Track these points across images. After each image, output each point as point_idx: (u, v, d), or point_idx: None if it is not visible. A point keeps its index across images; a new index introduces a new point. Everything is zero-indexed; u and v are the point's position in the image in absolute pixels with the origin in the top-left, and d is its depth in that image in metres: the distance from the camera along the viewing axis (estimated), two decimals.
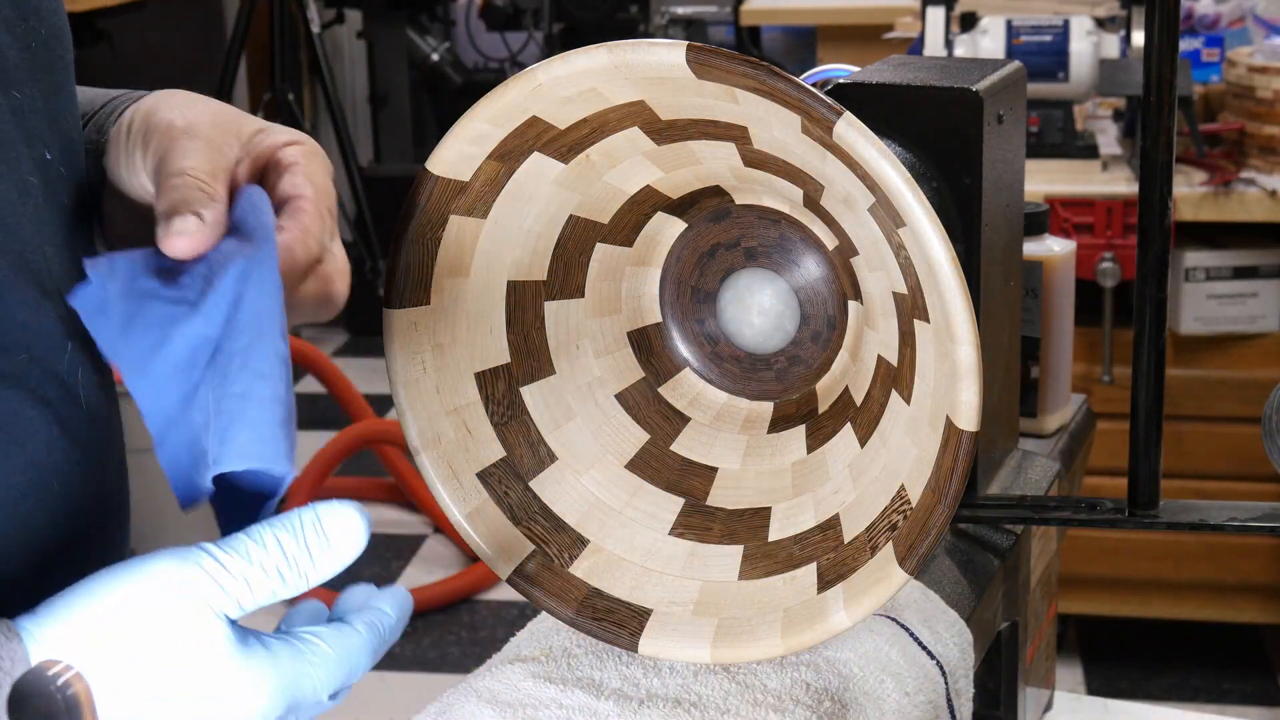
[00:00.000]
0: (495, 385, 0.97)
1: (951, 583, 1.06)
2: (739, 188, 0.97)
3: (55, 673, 0.66)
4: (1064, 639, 3.00)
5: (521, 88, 0.86)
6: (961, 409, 0.83)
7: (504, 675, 0.95)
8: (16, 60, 0.80)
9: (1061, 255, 1.28)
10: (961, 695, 1.03)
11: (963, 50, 2.66)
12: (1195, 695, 2.89)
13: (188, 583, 0.71)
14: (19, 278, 0.77)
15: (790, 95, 0.80)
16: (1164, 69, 1.01)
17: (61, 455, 0.79)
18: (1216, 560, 2.75)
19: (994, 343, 1.10)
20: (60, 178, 0.83)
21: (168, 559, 0.71)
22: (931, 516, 0.86)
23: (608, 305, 1.01)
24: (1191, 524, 1.06)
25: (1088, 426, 1.36)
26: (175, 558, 0.71)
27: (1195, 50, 2.90)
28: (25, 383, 0.77)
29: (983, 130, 1.04)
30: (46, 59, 0.83)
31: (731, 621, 0.94)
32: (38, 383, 0.78)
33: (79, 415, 0.81)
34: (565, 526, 0.98)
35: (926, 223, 0.80)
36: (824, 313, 0.98)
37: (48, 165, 0.82)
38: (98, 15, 4.20)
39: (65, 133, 0.84)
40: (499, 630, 3.24)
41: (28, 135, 0.80)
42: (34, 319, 0.78)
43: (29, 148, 0.80)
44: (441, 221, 0.92)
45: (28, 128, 0.80)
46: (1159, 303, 1.04)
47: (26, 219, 0.79)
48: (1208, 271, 2.65)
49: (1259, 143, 2.64)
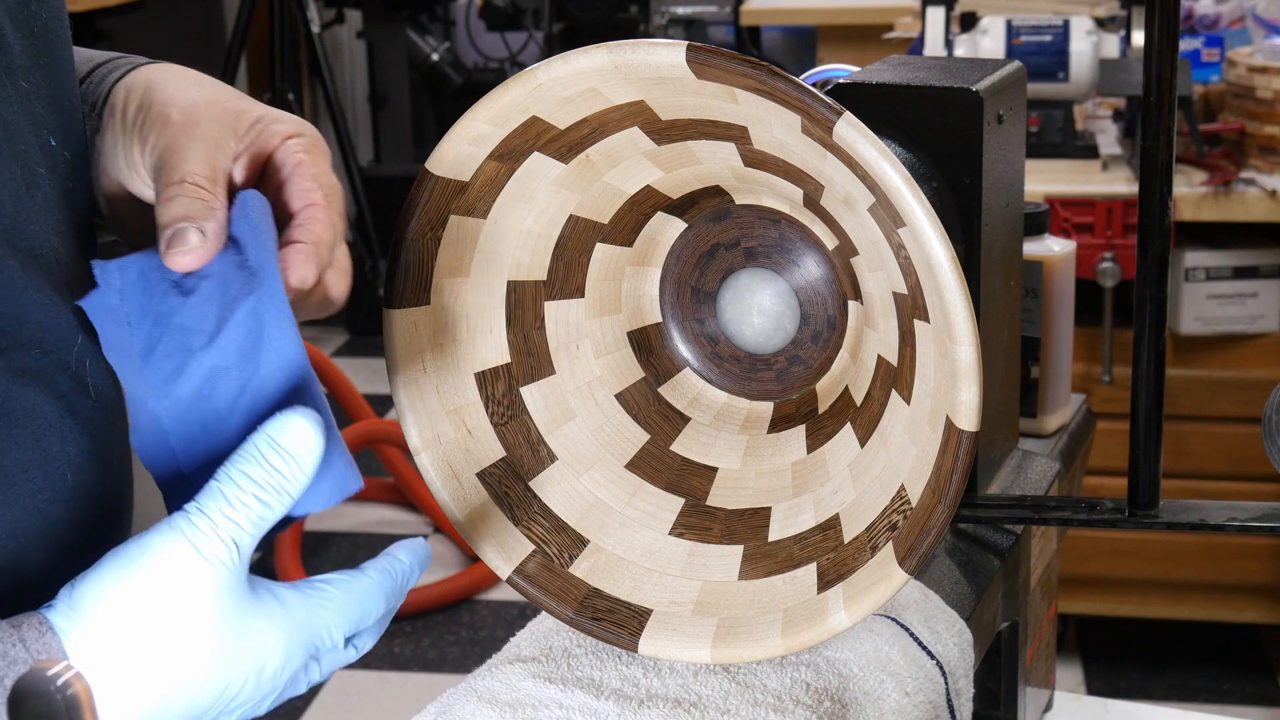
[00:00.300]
0: (495, 385, 0.97)
1: (951, 583, 1.06)
2: (739, 188, 0.97)
3: (55, 673, 0.66)
4: (1064, 639, 3.00)
5: (521, 88, 0.86)
6: (961, 409, 0.83)
7: (504, 675, 0.95)
8: (21, 48, 0.80)
9: (1061, 255, 1.28)
10: (961, 695, 1.03)
11: (963, 50, 2.66)
12: (1195, 695, 2.89)
13: (184, 550, 0.73)
14: (30, 273, 0.78)
15: (790, 95, 0.80)
16: (1164, 69, 1.01)
17: (74, 447, 0.80)
18: (1216, 560, 2.75)
19: (994, 343, 1.10)
20: (66, 163, 0.83)
21: (160, 536, 0.73)
22: (931, 516, 0.86)
23: (608, 305, 1.01)
24: (1191, 524, 1.06)
25: (1088, 426, 1.36)
26: (167, 531, 0.73)
27: (1195, 50, 2.90)
28: (40, 377, 0.78)
29: (983, 130, 1.04)
30: (49, 43, 0.83)
31: (731, 621, 0.94)
32: (51, 376, 0.79)
33: (88, 405, 0.81)
34: (565, 526, 0.98)
35: (926, 223, 0.80)
36: (824, 313, 0.98)
37: (54, 151, 0.82)
38: (98, 15, 4.19)
39: (68, 115, 0.84)
40: (499, 630, 3.24)
41: (34, 122, 0.81)
42: (45, 313, 0.78)
43: (36, 136, 0.81)
44: (441, 221, 0.92)
45: (34, 114, 0.81)
46: (1159, 303, 1.04)
47: (35, 210, 0.79)
48: (1208, 271, 2.65)
49: (1259, 143, 2.64)
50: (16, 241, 0.77)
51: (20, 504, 0.77)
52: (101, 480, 0.83)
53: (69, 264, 0.81)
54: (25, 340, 0.77)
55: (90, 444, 0.81)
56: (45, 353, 0.78)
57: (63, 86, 0.84)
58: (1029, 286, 1.26)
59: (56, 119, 0.83)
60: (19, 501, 0.77)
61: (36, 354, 0.78)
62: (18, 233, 0.77)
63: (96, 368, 0.82)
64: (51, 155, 0.82)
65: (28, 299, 0.77)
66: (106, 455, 0.83)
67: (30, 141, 0.80)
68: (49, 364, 0.78)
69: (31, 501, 0.78)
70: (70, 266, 0.81)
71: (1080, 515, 1.09)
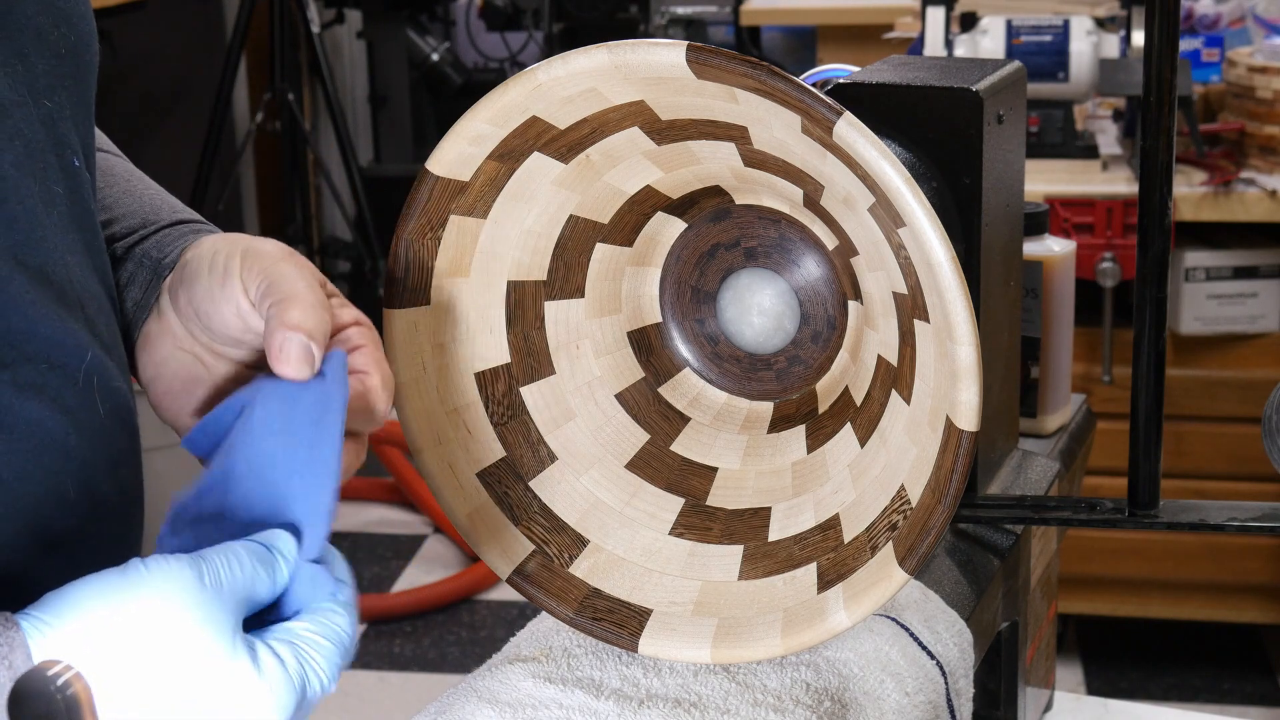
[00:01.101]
0: (495, 385, 0.97)
1: (951, 583, 1.06)
2: (739, 188, 0.97)
3: (55, 673, 0.66)
4: (1064, 639, 3.00)
5: (521, 88, 0.86)
6: (961, 409, 0.83)
7: (504, 675, 0.95)
8: (46, 68, 0.81)
9: (1061, 255, 1.28)
10: (961, 695, 1.03)
11: (963, 50, 2.66)
12: (1195, 695, 2.89)
13: (191, 592, 0.72)
14: (40, 289, 0.78)
15: (790, 95, 0.80)
16: (1164, 69, 1.01)
17: (77, 462, 0.80)
18: (1216, 560, 2.75)
19: (994, 343, 1.10)
20: (86, 183, 0.84)
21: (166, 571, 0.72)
22: (931, 516, 0.86)
23: (608, 305, 1.01)
24: (1191, 524, 1.06)
25: (1088, 426, 1.36)
26: (174, 568, 0.72)
27: (1195, 50, 2.90)
28: (45, 391, 0.78)
29: (983, 130, 1.04)
30: (74, 66, 0.84)
31: (731, 621, 0.94)
32: (57, 391, 0.79)
33: (95, 421, 0.81)
34: (565, 526, 0.98)
35: (926, 223, 0.80)
36: (824, 313, 0.98)
37: (75, 173, 0.83)
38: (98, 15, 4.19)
39: (87, 135, 0.85)
40: (499, 630, 3.24)
41: (57, 143, 0.81)
42: (54, 329, 0.78)
43: (58, 156, 0.81)
44: (441, 221, 0.92)
45: (57, 135, 0.81)
46: (1159, 303, 1.04)
47: (51, 229, 0.80)
48: (1208, 271, 2.65)
49: (1259, 143, 2.64)
50: (27, 259, 0.77)
51: (21, 517, 0.77)
52: (108, 496, 0.83)
53: (81, 283, 0.82)
54: (32, 355, 0.77)
55: (97, 459, 0.81)
56: (52, 368, 0.78)
57: (85, 109, 0.85)
58: (1029, 286, 1.26)
59: (79, 140, 0.83)
60: (19, 515, 0.77)
61: (43, 368, 0.78)
62: (30, 249, 0.78)
63: (105, 384, 0.82)
64: (73, 176, 0.82)
65: (36, 314, 0.77)
66: (115, 471, 0.83)
67: (51, 161, 0.80)
68: (55, 379, 0.78)
69: (33, 514, 0.77)
70: (83, 286, 0.82)
71: (1080, 515, 1.09)
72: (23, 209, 0.77)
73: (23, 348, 0.77)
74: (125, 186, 0.95)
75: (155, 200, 0.94)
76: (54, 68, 0.82)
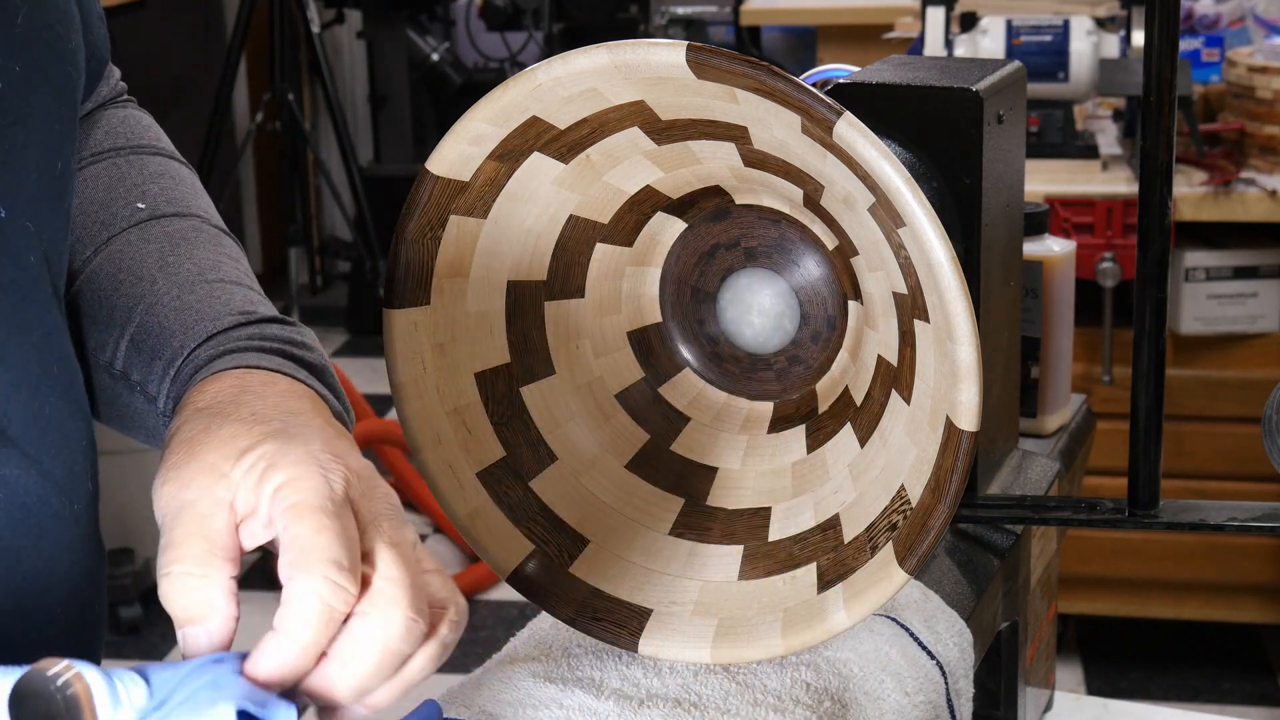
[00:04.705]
0: (495, 385, 0.97)
1: (951, 583, 1.06)
2: (739, 188, 0.97)
3: (55, 672, 0.66)
4: (1064, 639, 3.00)
5: (521, 88, 0.86)
6: (961, 409, 0.83)
7: (504, 675, 0.95)
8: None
9: (1061, 255, 1.28)
10: (961, 695, 1.03)
11: (963, 50, 2.66)
12: (1195, 695, 2.89)
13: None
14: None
15: (790, 95, 0.80)
16: (1164, 69, 1.01)
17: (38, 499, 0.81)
18: (1216, 560, 2.75)
19: (994, 343, 1.10)
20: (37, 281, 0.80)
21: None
22: (931, 516, 0.86)
23: (608, 305, 1.01)
24: (1191, 524, 1.06)
25: (1088, 426, 1.36)
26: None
27: (1195, 50, 2.90)
28: (6, 435, 0.79)
29: (983, 130, 1.04)
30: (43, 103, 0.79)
31: (731, 621, 0.94)
32: (16, 435, 0.79)
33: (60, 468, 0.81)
34: (565, 526, 0.98)
35: (926, 223, 0.80)
36: (824, 313, 0.98)
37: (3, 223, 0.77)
38: None
39: (66, 152, 0.82)
40: (499, 630, 3.24)
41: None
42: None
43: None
44: (441, 221, 0.92)
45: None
46: (1159, 303, 1.04)
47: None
48: (1208, 271, 2.65)
49: (1259, 143, 2.64)
50: None
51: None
52: (74, 538, 0.83)
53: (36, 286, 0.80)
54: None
55: (59, 501, 0.82)
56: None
57: (70, 125, 0.83)
58: (1029, 286, 1.26)
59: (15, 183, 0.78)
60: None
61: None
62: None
63: (70, 427, 0.82)
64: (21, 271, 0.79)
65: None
66: (78, 513, 0.84)
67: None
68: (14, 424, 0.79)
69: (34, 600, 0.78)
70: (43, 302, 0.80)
71: (1080, 515, 1.09)
72: None
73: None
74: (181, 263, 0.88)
75: (197, 292, 0.87)
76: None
